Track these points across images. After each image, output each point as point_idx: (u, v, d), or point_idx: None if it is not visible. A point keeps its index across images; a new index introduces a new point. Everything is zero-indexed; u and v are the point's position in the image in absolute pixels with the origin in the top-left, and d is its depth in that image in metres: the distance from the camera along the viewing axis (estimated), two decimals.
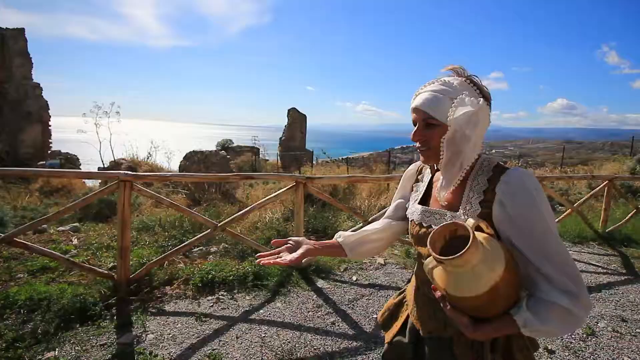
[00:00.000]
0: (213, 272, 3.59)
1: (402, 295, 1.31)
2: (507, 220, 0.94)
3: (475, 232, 0.88)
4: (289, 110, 24.68)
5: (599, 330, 3.00)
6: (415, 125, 1.05)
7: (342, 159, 17.45)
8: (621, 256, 4.98)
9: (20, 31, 16.01)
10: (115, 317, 2.88)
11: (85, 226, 5.38)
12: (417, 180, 1.26)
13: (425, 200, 1.18)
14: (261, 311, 3.15)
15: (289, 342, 2.70)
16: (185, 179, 5.94)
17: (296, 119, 24.54)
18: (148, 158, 10.58)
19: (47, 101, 16.00)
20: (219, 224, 3.69)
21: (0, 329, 2.55)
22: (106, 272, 3.34)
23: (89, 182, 9.51)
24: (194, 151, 8.97)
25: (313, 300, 3.38)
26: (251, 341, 2.69)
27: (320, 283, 3.72)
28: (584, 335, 2.91)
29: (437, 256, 0.86)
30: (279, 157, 22.47)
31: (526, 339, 1.01)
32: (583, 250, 5.19)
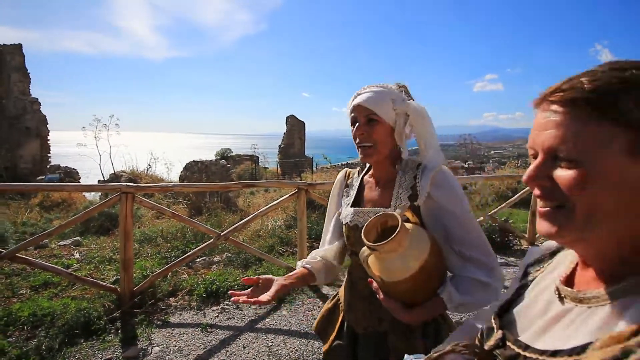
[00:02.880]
0: (217, 282, 3.56)
1: (336, 299, 1.35)
2: (432, 211, 1.06)
3: (404, 221, 0.99)
4: (287, 118, 24.76)
5: None
6: (353, 125, 1.14)
7: (342, 164, 17.49)
8: None
9: (18, 47, 16.09)
10: (119, 331, 2.85)
11: (87, 240, 5.36)
12: (346, 186, 1.31)
13: (357, 202, 1.24)
14: (267, 320, 3.12)
15: (296, 350, 2.67)
16: (187, 189, 5.94)
17: (295, 125, 24.60)
18: (148, 170, 10.56)
19: (45, 116, 16.03)
20: (222, 234, 3.67)
21: (4, 346, 2.52)
22: (109, 285, 3.32)
23: (89, 196, 9.48)
24: (194, 161, 8.96)
25: (319, 307, 3.35)
26: (258, 350, 2.66)
27: (325, 289, 3.69)
28: None
29: (370, 244, 0.94)
30: (278, 165, 22.48)
31: (453, 325, 1.11)
32: None
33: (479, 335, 0.66)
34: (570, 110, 0.47)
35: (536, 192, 0.52)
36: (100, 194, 8.22)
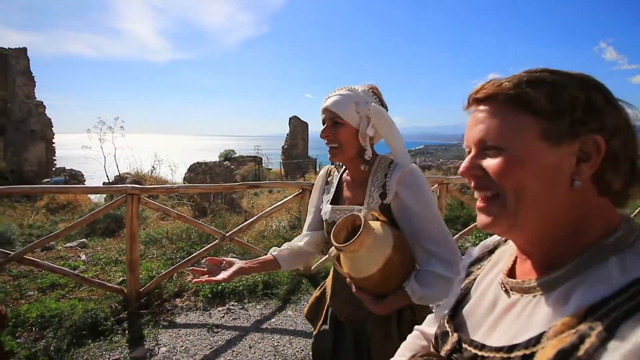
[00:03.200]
0: (222, 283, 3.57)
1: (323, 288, 1.43)
2: (400, 208, 1.12)
3: (371, 220, 1.07)
4: (290, 119, 24.78)
5: None
6: (324, 125, 1.19)
7: None
8: None
9: (22, 51, 16.21)
10: (126, 332, 2.87)
11: (93, 241, 5.39)
12: (327, 183, 1.38)
13: (336, 199, 1.31)
14: (272, 320, 3.13)
15: (302, 350, 2.68)
16: (192, 190, 5.96)
17: (297, 126, 24.62)
18: (152, 171, 10.62)
19: (50, 119, 16.14)
20: (227, 234, 3.68)
21: (13, 347, 2.54)
22: (116, 286, 3.34)
23: (94, 198, 9.54)
24: (198, 163, 9.01)
25: None
26: (264, 350, 2.67)
27: None
28: None
29: (336, 244, 1.01)
30: (282, 166, 22.52)
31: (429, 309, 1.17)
32: None
33: (433, 341, 0.67)
34: (493, 105, 0.54)
35: (472, 184, 0.57)
36: (105, 196, 8.27)
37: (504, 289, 0.58)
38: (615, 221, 0.51)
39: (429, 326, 0.81)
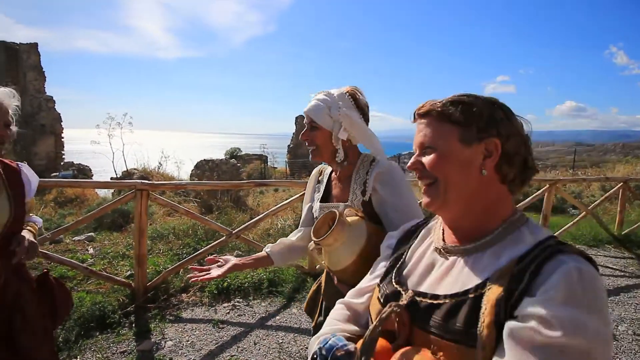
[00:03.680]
0: (228, 280, 3.61)
1: (319, 282, 1.49)
2: (379, 202, 1.21)
3: (349, 216, 1.15)
4: (296, 118, 24.80)
5: (619, 334, 2.95)
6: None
7: None
8: (638, 259, 4.90)
9: (33, 46, 16.39)
10: (133, 325, 2.91)
11: (100, 235, 5.45)
12: (318, 182, 1.47)
13: (325, 197, 1.38)
14: (277, 317, 3.15)
15: (306, 347, 2.70)
16: (200, 187, 6.01)
17: (304, 126, 24.65)
18: (159, 168, 10.69)
19: (59, 114, 16.31)
20: (233, 231, 3.72)
21: None
22: (124, 280, 3.39)
23: (101, 193, 9.63)
24: (204, 160, 9.05)
25: None
26: (269, 347, 2.70)
27: None
28: None
29: (314, 239, 1.09)
30: (287, 165, 22.56)
31: None
32: (599, 254, 5.11)
33: (381, 302, 0.80)
34: (429, 118, 0.76)
35: (417, 175, 0.77)
36: (112, 191, 8.35)
37: (440, 253, 0.77)
38: (512, 206, 0.74)
39: (353, 298, 0.92)
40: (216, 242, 3.76)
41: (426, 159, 0.74)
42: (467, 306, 0.63)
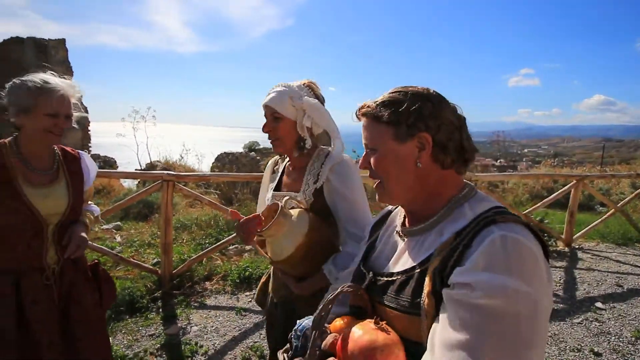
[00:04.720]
0: (249, 269, 3.69)
1: (269, 273, 1.52)
2: (330, 193, 1.24)
3: (292, 208, 1.18)
4: None
5: None
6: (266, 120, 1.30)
7: None
8: None
9: (61, 41, 16.92)
10: (160, 310, 3.03)
11: (127, 225, 5.65)
12: (273, 172, 1.50)
13: (279, 186, 1.41)
14: None
15: None
16: (222, 178, 6.13)
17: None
18: (180, 160, 10.93)
19: (86, 107, 16.85)
20: None
21: None
22: (151, 267, 3.51)
23: (126, 183, 9.93)
24: (225, 153, 9.21)
25: None
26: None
27: None
28: (633, 339, 2.79)
29: (257, 230, 1.12)
30: None
31: None
32: (628, 252, 4.95)
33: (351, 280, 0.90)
34: (367, 119, 0.81)
35: (369, 174, 0.83)
36: (137, 182, 8.61)
37: (400, 236, 0.85)
38: (461, 184, 0.80)
39: (343, 280, 1.00)
40: None
41: (372, 160, 0.80)
42: (414, 280, 0.72)
